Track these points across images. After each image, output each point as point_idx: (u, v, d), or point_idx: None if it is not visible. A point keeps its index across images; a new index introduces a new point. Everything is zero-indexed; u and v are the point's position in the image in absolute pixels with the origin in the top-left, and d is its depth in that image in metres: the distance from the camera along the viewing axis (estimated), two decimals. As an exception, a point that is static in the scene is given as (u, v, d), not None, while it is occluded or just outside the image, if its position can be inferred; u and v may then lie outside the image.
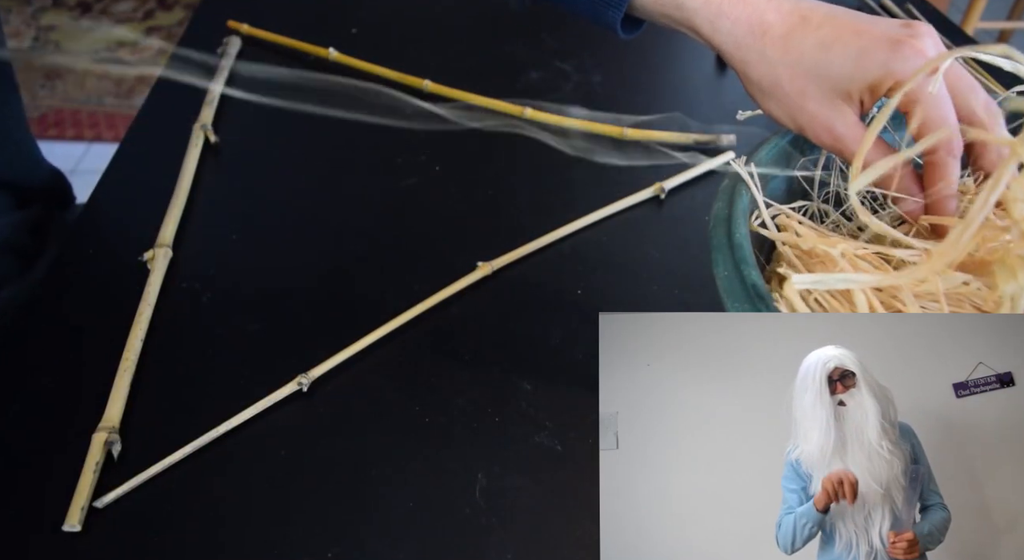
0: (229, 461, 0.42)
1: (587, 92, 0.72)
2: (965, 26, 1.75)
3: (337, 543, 0.39)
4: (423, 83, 0.70)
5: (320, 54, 0.73)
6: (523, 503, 0.41)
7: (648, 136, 0.65)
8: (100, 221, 0.58)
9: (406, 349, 0.48)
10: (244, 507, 0.40)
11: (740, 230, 0.37)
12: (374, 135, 0.66)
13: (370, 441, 0.44)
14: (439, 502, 0.41)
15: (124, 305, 0.50)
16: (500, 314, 0.50)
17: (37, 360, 0.47)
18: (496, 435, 0.44)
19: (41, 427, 0.44)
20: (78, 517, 0.38)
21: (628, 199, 0.58)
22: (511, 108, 0.67)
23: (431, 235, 0.57)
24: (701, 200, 0.60)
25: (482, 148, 0.65)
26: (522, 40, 0.79)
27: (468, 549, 0.39)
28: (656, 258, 0.55)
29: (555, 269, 0.53)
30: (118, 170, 0.62)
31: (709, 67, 0.76)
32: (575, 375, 0.47)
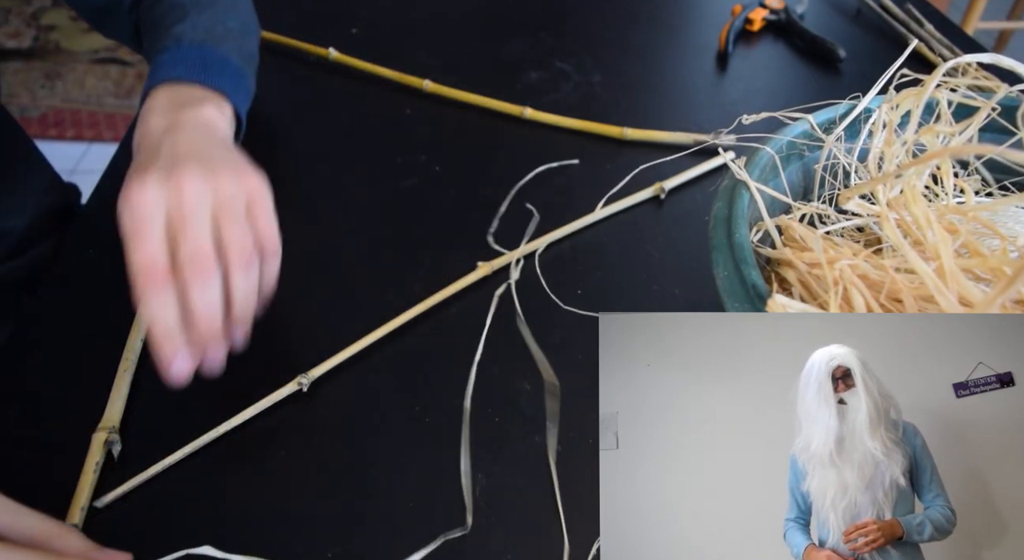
0: (229, 461, 0.42)
1: (587, 92, 0.72)
2: (965, 26, 1.75)
3: (337, 543, 0.39)
4: (423, 83, 0.70)
5: (320, 54, 0.73)
6: (523, 503, 0.41)
7: (648, 136, 0.65)
8: (100, 221, 0.58)
9: (406, 349, 0.48)
10: (244, 507, 0.40)
11: (740, 230, 0.37)
12: (374, 135, 0.66)
13: (370, 441, 0.44)
14: (439, 502, 0.41)
15: (124, 305, 0.50)
16: (500, 314, 0.50)
17: (37, 360, 0.47)
18: (496, 435, 0.44)
19: (41, 427, 0.44)
20: (78, 517, 0.38)
21: (628, 199, 0.58)
22: (511, 108, 0.67)
23: (431, 235, 0.57)
24: (701, 200, 0.60)
25: (482, 148, 0.65)
26: (522, 40, 0.79)
27: (468, 549, 0.39)
28: (656, 258, 0.55)
29: (555, 269, 0.53)
30: (118, 170, 0.62)
31: (709, 67, 0.76)
32: (575, 375, 0.47)
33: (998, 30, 2.06)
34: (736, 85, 0.74)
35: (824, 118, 0.44)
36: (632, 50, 0.79)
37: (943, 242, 0.32)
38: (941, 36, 0.76)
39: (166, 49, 0.49)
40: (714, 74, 0.76)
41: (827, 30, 0.79)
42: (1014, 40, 2.10)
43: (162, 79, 0.47)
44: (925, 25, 0.79)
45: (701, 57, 0.78)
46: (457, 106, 0.69)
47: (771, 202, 0.41)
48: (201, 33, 0.51)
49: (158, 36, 0.52)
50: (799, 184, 0.44)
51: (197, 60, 0.48)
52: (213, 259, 0.36)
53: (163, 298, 0.36)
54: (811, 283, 0.36)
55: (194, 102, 0.45)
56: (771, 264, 0.40)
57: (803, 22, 0.81)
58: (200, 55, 0.49)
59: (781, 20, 0.81)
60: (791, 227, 0.39)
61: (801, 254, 0.37)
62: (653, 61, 0.78)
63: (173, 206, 0.36)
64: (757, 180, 0.39)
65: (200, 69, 0.48)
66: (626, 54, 0.78)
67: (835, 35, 0.78)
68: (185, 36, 0.50)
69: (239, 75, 0.52)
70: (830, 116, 0.44)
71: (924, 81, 0.41)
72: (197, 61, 0.48)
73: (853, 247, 0.38)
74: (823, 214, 0.43)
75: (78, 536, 0.35)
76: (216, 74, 0.49)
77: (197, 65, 0.48)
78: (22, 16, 2.24)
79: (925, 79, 0.41)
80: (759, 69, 0.76)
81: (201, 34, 0.51)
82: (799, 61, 0.78)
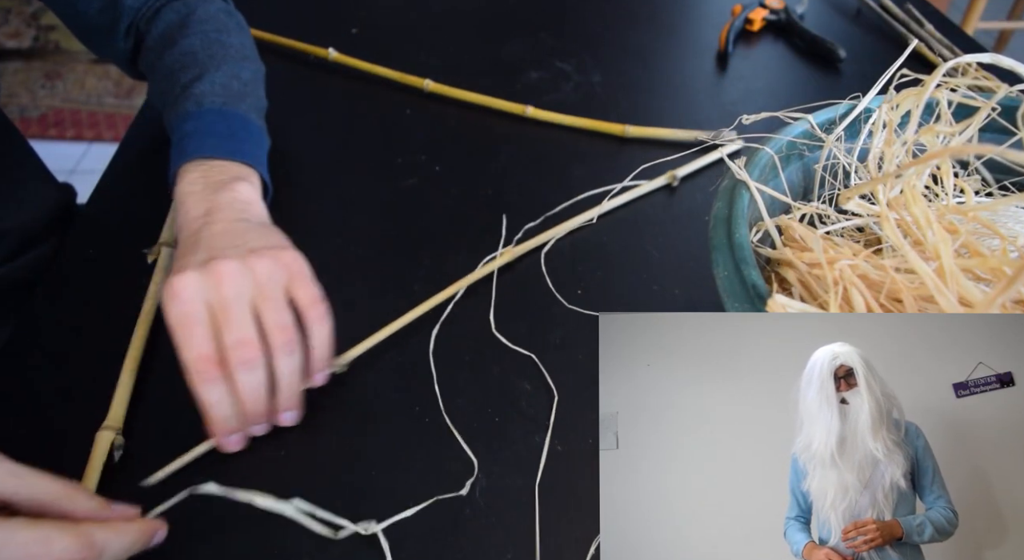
0: (229, 461, 0.42)
1: (587, 92, 0.72)
2: (965, 26, 1.75)
3: (338, 543, 0.39)
4: (423, 82, 0.70)
5: (320, 54, 0.73)
6: (523, 503, 0.41)
7: (649, 133, 0.65)
8: (100, 221, 0.58)
9: (406, 349, 0.48)
10: (244, 507, 0.40)
11: (740, 230, 0.37)
12: (374, 135, 0.66)
13: (370, 441, 0.44)
14: (439, 502, 0.41)
15: (124, 305, 0.50)
16: (500, 314, 0.50)
17: (37, 360, 0.47)
18: (496, 435, 0.44)
19: (42, 428, 0.44)
20: None
21: (641, 188, 0.58)
22: (513, 106, 0.67)
23: (431, 235, 0.57)
24: (702, 201, 0.60)
25: (482, 148, 0.65)
26: (522, 40, 0.79)
27: (468, 549, 0.39)
28: (656, 258, 0.55)
29: (555, 269, 0.53)
30: (118, 170, 0.62)
31: (709, 67, 0.77)
32: (575, 375, 0.47)
33: (998, 30, 2.06)
34: (736, 85, 0.74)
35: (824, 118, 0.44)
36: (632, 50, 0.79)
37: (943, 242, 0.32)
38: (941, 36, 0.76)
39: (188, 115, 0.51)
40: (714, 74, 0.76)
41: (827, 30, 0.79)
42: (1014, 40, 2.10)
43: (192, 155, 0.49)
44: (925, 25, 0.79)
45: (701, 57, 0.78)
46: (457, 106, 0.69)
47: (771, 202, 0.41)
48: (220, 92, 0.53)
49: (173, 91, 0.53)
50: (799, 184, 0.44)
51: (223, 131, 0.51)
52: (257, 345, 0.40)
53: (217, 388, 0.39)
54: (811, 283, 0.36)
55: (228, 182, 0.48)
56: (771, 264, 0.40)
57: (803, 22, 0.81)
58: (224, 123, 0.51)
59: (781, 20, 0.81)
60: (791, 227, 0.39)
61: (801, 254, 0.37)
62: (653, 61, 0.78)
63: (214, 298, 0.39)
64: (757, 180, 0.39)
65: (227, 139, 0.51)
66: (626, 54, 0.78)
67: (835, 35, 0.78)
68: (205, 99, 0.52)
69: (260, 135, 0.54)
70: (830, 116, 0.44)
71: (924, 81, 0.41)
72: (223, 132, 0.51)
73: (853, 247, 0.38)
74: (823, 214, 0.43)
75: (86, 495, 0.35)
76: (242, 142, 0.51)
77: (224, 136, 0.51)
78: (22, 16, 2.24)
79: (925, 79, 0.41)
80: (759, 69, 0.76)
81: (220, 94, 0.53)
82: (799, 61, 0.78)
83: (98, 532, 0.33)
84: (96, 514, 0.35)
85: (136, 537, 0.35)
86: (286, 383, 0.41)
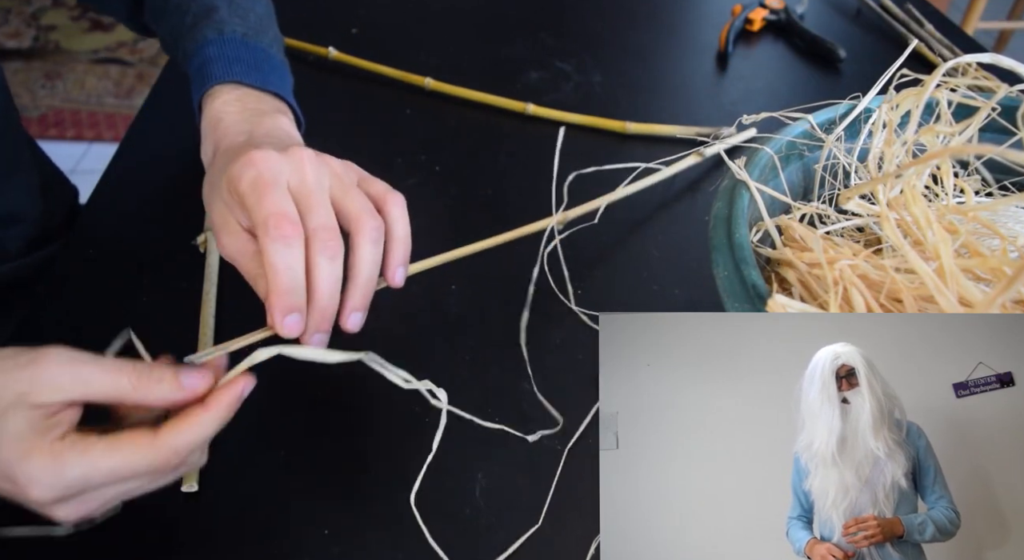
0: (228, 461, 0.42)
1: (587, 92, 0.72)
2: (965, 26, 1.75)
3: (337, 543, 0.39)
4: (424, 81, 0.70)
5: (320, 54, 0.73)
6: (523, 503, 0.41)
7: (650, 130, 0.65)
8: (100, 221, 0.58)
9: (406, 349, 0.48)
10: (243, 507, 0.40)
11: (740, 230, 0.37)
12: (374, 134, 0.66)
13: (370, 440, 0.44)
14: (439, 502, 0.41)
15: (124, 305, 0.50)
16: (500, 314, 0.50)
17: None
18: (496, 435, 0.44)
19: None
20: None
21: (672, 168, 0.56)
22: (514, 104, 0.67)
23: (430, 236, 0.57)
24: (701, 200, 0.60)
25: (483, 147, 0.65)
26: (522, 40, 0.79)
27: (468, 549, 0.39)
28: (656, 258, 0.55)
29: (556, 269, 0.53)
30: (118, 170, 0.62)
31: (709, 67, 0.77)
32: (575, 375, 0.47)
33: (998, 30, 2.06)
34: (736, 85, 0.74)
35: (824, 118, 0.44)
36: (632, 50, 0.79)
37: (943, 242, 0.32)
38: (941, 36, 0.76)
39: (209, 41, 0.48)
40: (714, 74, 0.76)
41: (827, 30, 0.79)
42: (1014, 40, 2.10)
43: (221, 78, 0.46)
44: (925, 25, 0.79)
45: (701, 57, 0.78)
46: (458, 105, 0.69)
47: (771, 202, 0.41)
48: (239, 23, 0.49)
49: (185, 21, 0.50)
50: (799, 184, 0.44)
51: (249, 59, 0.47)
52: (339, 235, 0.36)
53: (291, 252, 0.34)
54: (811, 283, 0.36)
55: (269, 112, 0.45)
56: (771, 264, 0.40)
57: (803, 22, 0.81)
58: (249, 53, 0.48)
59: (781, 20, 0.81)
60: (791, 227, 0.39)
61: (801, 254, 0.37)
62: (653, 61, 0.78)
63: (295, 181, 0.36)
64: (757, 180, 0.40)
65: (254, 69, 0.47)
66: (626, 54, 0.78)
67: (835, 35, 0.78)
68: (226, 26, 0.49)
69: (285, 71, 0.51)
70: (830, 116, 0.44)
71: (924, 81, 0.41)
72: (249, 60, 0.47)
73: (853, 247, 0.38)
74: (823, 214, 0.43)
75: (156, 379, 0.32)
76: (269, 74, 0.48)
77: (250, 64, 0.47)
78: (22, 16, 2.24)
79: (925, 79, 0.41)
80: (759, 69, 0.76)
81: (239, 24, 0.49)
82: (799, 61, 0.78)
83: (176, 436, 0.31)
84: (171, 399, 0.32)
85: (215, 415, 0.32)
86: (365, 278, 0.37)
